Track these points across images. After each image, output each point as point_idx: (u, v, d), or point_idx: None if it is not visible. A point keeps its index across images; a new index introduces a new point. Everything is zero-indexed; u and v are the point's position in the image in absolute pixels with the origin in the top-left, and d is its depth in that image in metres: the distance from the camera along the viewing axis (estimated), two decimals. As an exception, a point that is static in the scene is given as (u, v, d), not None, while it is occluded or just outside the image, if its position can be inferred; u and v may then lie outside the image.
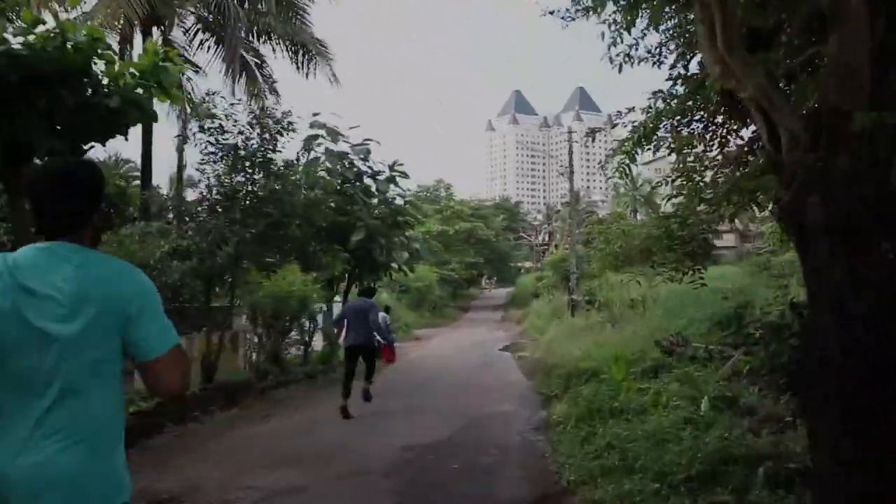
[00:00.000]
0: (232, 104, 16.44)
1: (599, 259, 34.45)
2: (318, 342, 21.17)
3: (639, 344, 16.95)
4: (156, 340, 2.63)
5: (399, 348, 30.66)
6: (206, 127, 15.78)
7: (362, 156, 21.99)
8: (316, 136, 21.76)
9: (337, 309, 21.37)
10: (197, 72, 22.07)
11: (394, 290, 47.85)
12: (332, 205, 20.55)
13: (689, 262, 12.12)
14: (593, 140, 11.17)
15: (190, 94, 19.11)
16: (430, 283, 51.45)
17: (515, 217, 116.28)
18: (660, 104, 9.32)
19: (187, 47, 22.07)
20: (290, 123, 16.72)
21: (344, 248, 21.06)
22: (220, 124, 15.84)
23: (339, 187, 21.52)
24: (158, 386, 2.68)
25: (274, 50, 22.92)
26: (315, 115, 21.74)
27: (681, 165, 10.22)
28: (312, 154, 21.58)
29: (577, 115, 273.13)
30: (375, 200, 22.29)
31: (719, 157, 9.85)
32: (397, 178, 22.25)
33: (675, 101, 9.19)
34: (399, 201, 22.59)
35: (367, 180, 22.21)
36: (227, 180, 15.85)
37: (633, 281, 26.86)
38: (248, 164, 15.91)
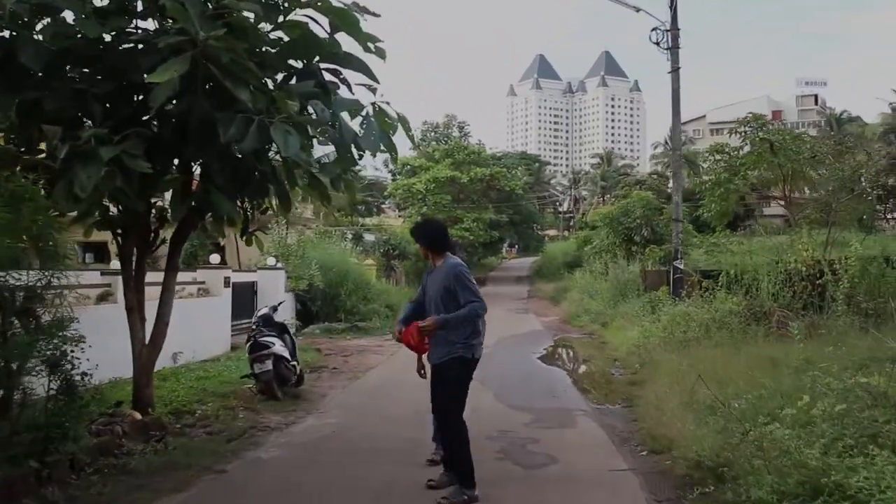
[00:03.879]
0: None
1: (718, 199, 20.40)
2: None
3: None
4: None
5: (363, 351, 17.19)
6: None
7: None
8: None
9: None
10: None
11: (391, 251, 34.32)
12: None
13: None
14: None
15: None
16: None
17: (540, 177, 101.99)
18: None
19: None
20: None
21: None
22: None
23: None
24: None
25: None
26: None
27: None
28: None
29: (603, 81, 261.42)
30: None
31: None
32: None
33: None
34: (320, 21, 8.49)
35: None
36: None
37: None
38: None
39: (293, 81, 8.57)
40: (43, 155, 8.15)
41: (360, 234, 36.78)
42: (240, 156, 8.24)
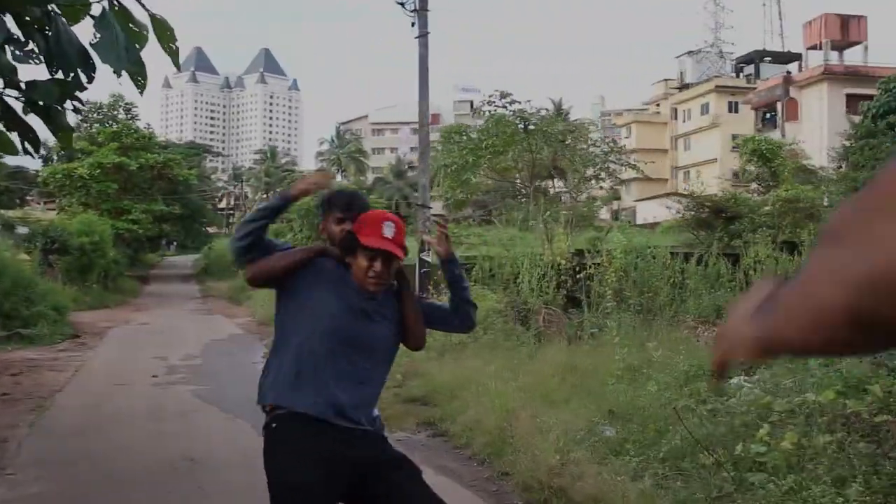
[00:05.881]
0: None
1: (461, 186, 18.20)
2: None
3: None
4: None
5: (36, 367, 13.54)
6: None
7: None
8: None
9: None
10: None
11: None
12: None
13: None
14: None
15: None
16: (103, 241, 33.31)
17: (201, 171, 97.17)
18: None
19: None
20: None
21: None
22: None
23: None
24: None
25: None
26: None
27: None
28: None
29: (262, 78, 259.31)
30: None
31: None
32: None
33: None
34: None
35: None
36: None
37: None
38: None
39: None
40: None
41: (11, 224, 31.25)
42: None
